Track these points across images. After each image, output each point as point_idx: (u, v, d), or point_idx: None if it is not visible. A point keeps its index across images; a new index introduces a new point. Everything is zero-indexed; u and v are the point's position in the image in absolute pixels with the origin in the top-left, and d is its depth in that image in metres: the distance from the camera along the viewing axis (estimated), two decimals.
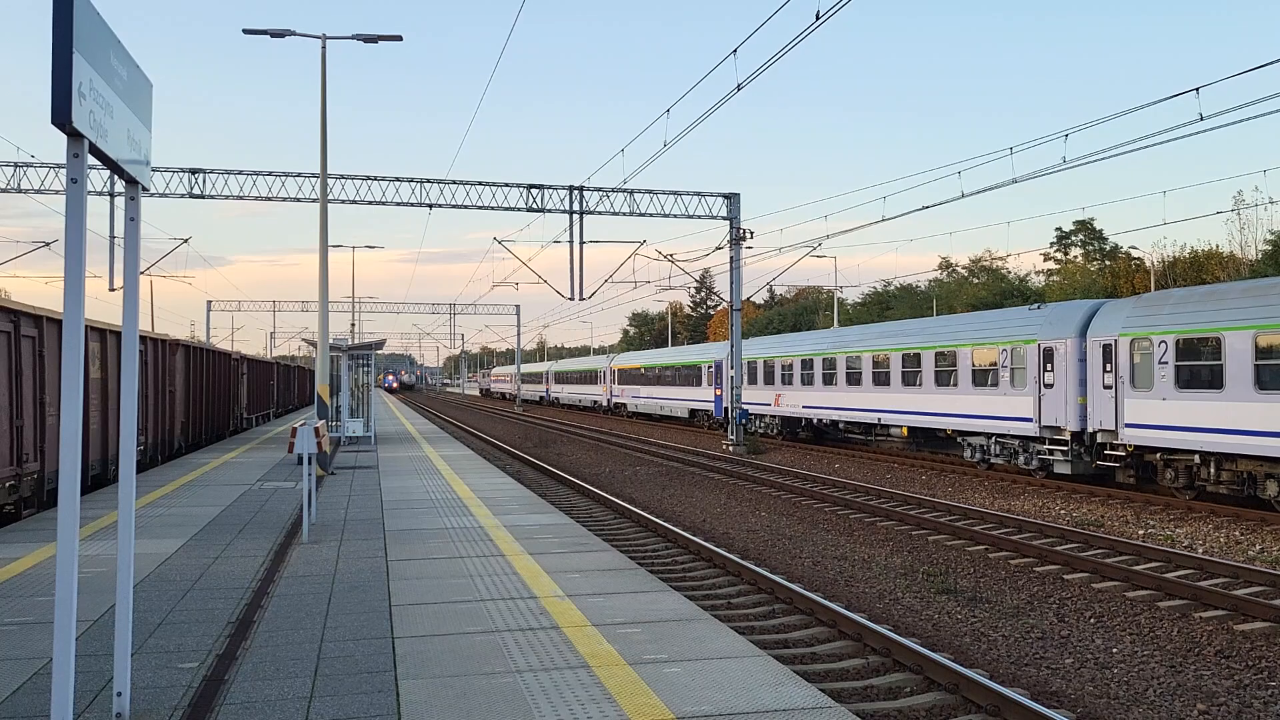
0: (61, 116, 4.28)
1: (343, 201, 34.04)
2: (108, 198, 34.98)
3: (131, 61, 5.29)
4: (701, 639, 7.25)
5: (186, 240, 47.04)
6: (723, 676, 6.33)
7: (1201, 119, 16.73)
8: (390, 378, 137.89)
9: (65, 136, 4.46)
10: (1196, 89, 16.81)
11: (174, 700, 5.98)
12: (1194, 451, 18.84)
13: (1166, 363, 19.28)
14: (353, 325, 62.36)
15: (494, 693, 6.03)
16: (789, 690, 6.07)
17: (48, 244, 40.16)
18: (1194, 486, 19.28)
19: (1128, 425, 20.20)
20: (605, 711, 5.68)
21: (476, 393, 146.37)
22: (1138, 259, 65.06)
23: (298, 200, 34.83)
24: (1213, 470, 18.58)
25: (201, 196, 34.37)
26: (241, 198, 34.74)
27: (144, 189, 5.66)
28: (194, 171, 33.27)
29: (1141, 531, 16.91)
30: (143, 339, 20.88)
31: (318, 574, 9.74)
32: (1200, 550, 15.21)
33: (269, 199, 34.68)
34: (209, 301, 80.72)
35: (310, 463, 12.12)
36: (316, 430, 11.81)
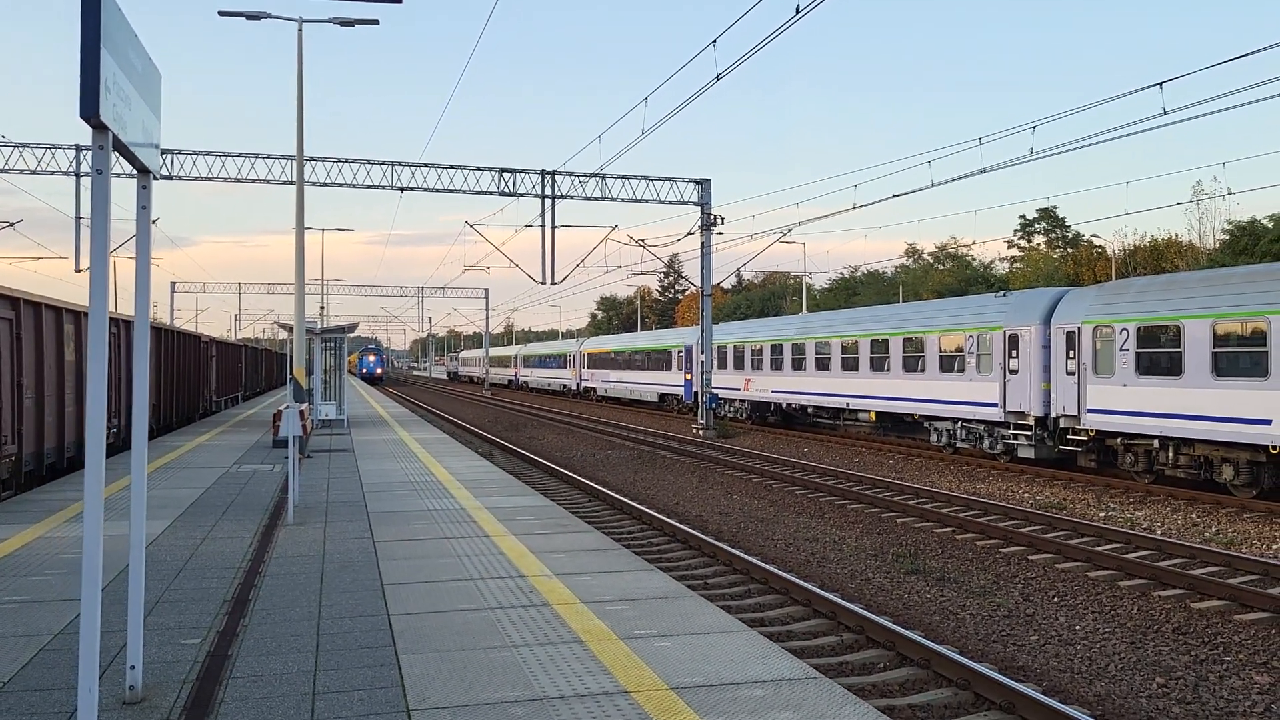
0: (90, 110, 4.43)
1: (314, 184, 33.91)
2: (74, 178, 34.66)
3: (145, 54, 5.43)
4: (689, 615, 7.53)
5: (155, 221, 46.47)
6: (712, 650, 6.62)
7: (1165, 113, 17.18)
8: (372, 359, 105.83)
9: (90, 128, 4.61)
10: (1160, 84, 17.27)
11: (181, 674, 6.17)
12: (1153, 436, 19.40)
13: (1128, 350, 19.80)
14: (322, 308, 62.00)
15: (493, 666, 6.27)
16: (776, 663, 6.36)
17: (12, 224, 39.61)
18: (1153, 470, 19.85)
19: (1090, 410, 20.73)
20: (602, 683, 5.95)
21: (444, 376, 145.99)
22: (1099, 247, 66.15)
23: (267, 182, 34.64)
24: (1171, 455, 19.15)
25: (170, 178, 34.11)
26: (210, 179, 34.52)
27: (154, 177, 5.81)
28: (162, 152, 32.95)
29: (1103, 514, 17.42)
30: (112, 321, 20.82)
31: (307, 554, 9.92)
32: (1159, 532, 15.72)
33: (238, 180, 34.48)
34: (173, 283, 79.93)
35: (294, 445, 12.26)
36: (301, 413, 11.94)
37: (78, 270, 36.80)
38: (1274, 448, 16.83)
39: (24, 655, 6.55)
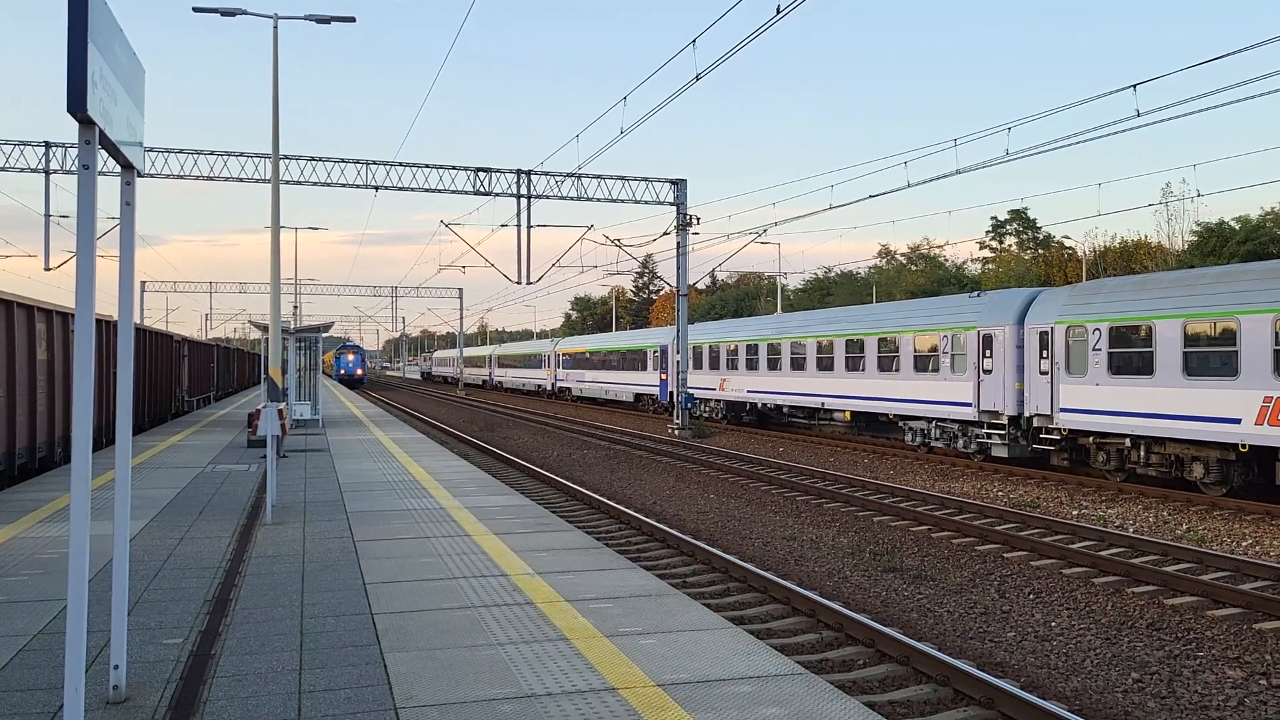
0: (77, 105, 4.39)
1: (288, 182, 33.70)
2: (43, 175, 34.25)
3: (130, 48, 5.39)
4: (672, 613, 7.56)
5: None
6: (696, 647, 6.65)
7: (1138, 115, 17.39)
8: (352, 357, 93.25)
9: (77, 124, 4.57)
10: (1134, 85, 17.48)
11: (165, 674, 6.13)
12: (1125, 435, 19.63)
13: (1100, 349, 20.02)
14: (295, 307, 61.51)
15: (479, 664, 6.27)
16: (761, 659, 6.40)
17: None
18: (1125, 469, 20.08)
19: (1063, 410, 20.95)
20: (589, 681, 5.96)
21: (418, 376, 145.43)
22: (1070, 249, 66.86)
23: (240, 180, 34.39)
24: (1143, 453, 19.38)
25: (141, 175, 33.72)
26: (182, 177, 34.24)
27: (138, 173, 5.77)
28: None
29: (1076, 512, 17.61)
30: None
31: (286, 554, 9.86)
32: (1131, 529, 15.92)
33: (211, 179, 34.22)
34: (143, 282, 79.05)
35: (273, 445, 12.18)
36: (280, 413, 11.88)
37: (47, 268, 36.38)
38: (1244, 446, 17.08)
39: (3, 656, 6.48)
